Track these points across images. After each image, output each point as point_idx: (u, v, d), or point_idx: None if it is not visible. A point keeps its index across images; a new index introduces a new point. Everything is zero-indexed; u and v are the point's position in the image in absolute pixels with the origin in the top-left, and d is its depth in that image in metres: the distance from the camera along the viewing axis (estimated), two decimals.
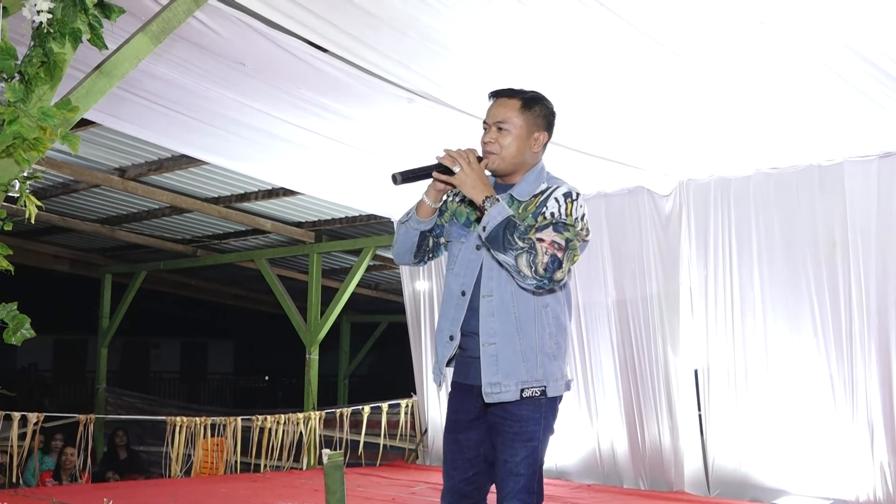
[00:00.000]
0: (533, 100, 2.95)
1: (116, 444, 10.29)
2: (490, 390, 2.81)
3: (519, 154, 2.90)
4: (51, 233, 11.65)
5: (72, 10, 2.84)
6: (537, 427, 2.85)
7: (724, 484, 6.45)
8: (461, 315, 2.91)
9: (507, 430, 2.85)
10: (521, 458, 2.83)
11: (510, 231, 2.70)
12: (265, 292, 11.60)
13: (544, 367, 2.84)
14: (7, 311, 3.01)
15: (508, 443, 2.84)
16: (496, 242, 2.72)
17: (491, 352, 2.83)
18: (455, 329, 2.92)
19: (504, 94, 2.96)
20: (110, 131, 6.92)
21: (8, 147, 2.85)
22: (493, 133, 2.90)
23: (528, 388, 2.81)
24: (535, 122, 2.92)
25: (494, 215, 2.72)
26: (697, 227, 6.71)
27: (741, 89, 4.90)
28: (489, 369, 2.82)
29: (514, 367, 2.82)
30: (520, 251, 2.69)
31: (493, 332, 2.83)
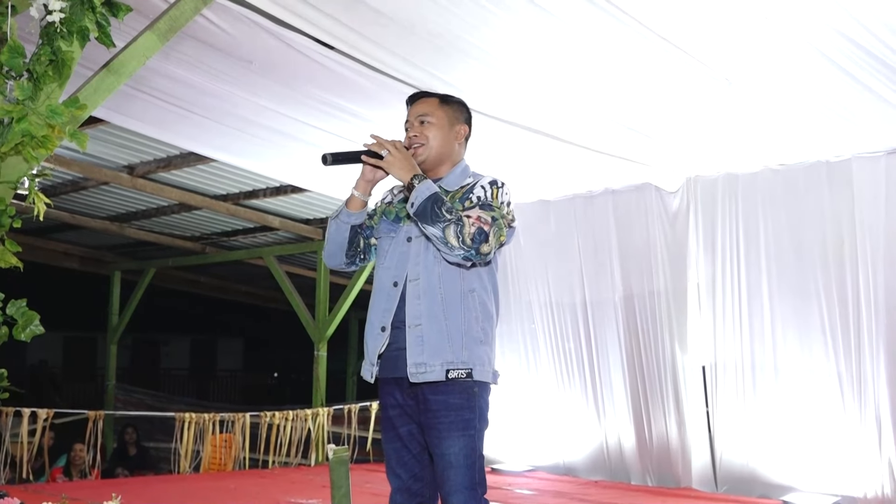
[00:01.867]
0: (448, 97, 3.13)
1: (126, 441, 10.34)
2: (415, 370, 2.82)
3: (444, 144, 3.03)
4: (60, 230, 11.70)
5: (80, 8, 2.87)
6: (472, 416, 2.86)
7: (731, 480, 6.44)
8: (393, 305, 2.93)
9: (442, 420, 2.84)
10: (458, 449, 2.82)
11: (438, 204, 2.78)
12: (274, 289, 11.63)
13: (470, 350, 2.86)
14: (16, 307, 3.04)
15: (444, 434, 2.83)
16: (424, 215, 2.78)
17: (416, 333, 2.85)
18: (387, 320, 2.93)
19: (421, 94, 3.14)
20: (119, 129, 6.96)
21: (17, 145, 2.87)
22: (417, 127, 3.03)
23: (453, 370, 2.82)
24: (454, 116, 3.07)
25: (423, 190, 2.80)
26: (705, 223, 6.69)
27: (749, 86, 4.90)
28: (414, 350, 2.84)
29: (439, 348, 2.83)
30: (447, 223, 2.76)
31: (418, 314, 2.86)
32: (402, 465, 2.96)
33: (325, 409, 8.93)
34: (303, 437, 8.46)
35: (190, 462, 7.92)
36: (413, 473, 2.95)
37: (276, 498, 6.16)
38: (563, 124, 5.74)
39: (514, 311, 7.83)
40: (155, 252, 12.56)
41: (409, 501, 2.96)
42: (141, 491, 6.39)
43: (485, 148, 6.00)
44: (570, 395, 7.41)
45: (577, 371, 7.38)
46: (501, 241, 2.87)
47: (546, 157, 6.39)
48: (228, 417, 8.24)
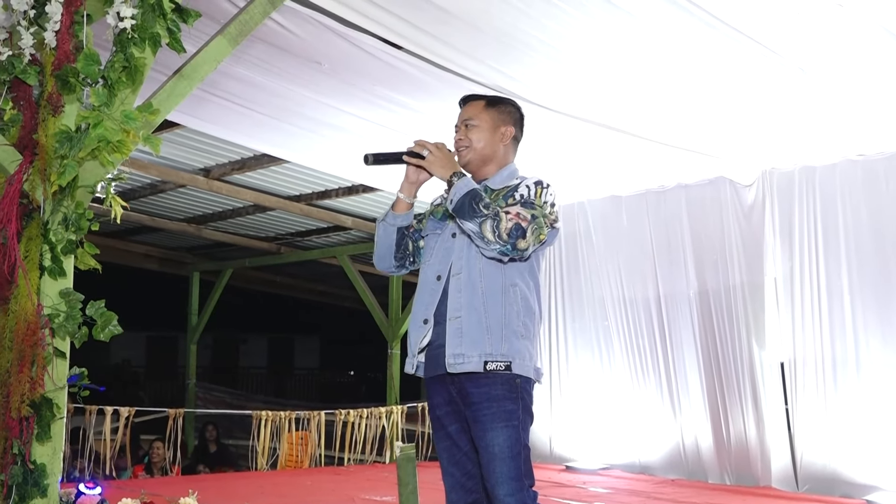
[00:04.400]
0: (496, 99, 3.15)
1: (207, 439, 10.56)
2: (453, 361, 2.83)
3: (488, 146, 3.05)
4: (140, 232, 12.00)
5: (151, 15, 2.93)
6: (515, 406, 2.83)
7: (812, 480, 6.29)
8: (435, 299, 2.95)
9: (485, 412, 2.83)
10: (503, 440, 2.80)
11: (475, 200, 2.80)
12: (348, 288, 11.75)
13: (510, 343, 2.85)
14: (95, 308, 3.12)
15: (488, 426, 2.82)
16: (461, 211, 2.82)
17: (456, 325, 2.86)
18: (429, 312, 2.95)
19: (470, 98, 3.17)
20: (194, 132, 7.10)
21: (93, 150, 2.95)
22: (462, 130, 3.08)
23: (492, 362, 2.82)
24: (500, 118, 3.08)
25: (461, 186, 2.85)
26: (782, 216, 6.56)
27: (824, 74, 4.78)
28: (453, 341, 2.85)
29: (477, 339, 2.83)
30: (483, 217, 2.78)
31: (458, 307, 2.88)
32: (454, 464, 2.96)
33: (399, 406, 8.98)
34: (377, 435, 8.52)
35: (267, 459, 8.05)
36: (466, 470, 2.94)
37: (350, 495, 6.22)
38: (634, 119, 5.68)
39: (587, 307, 7.78)
40: (232, 252, 12.79)
41: (464, 499, 2.95)
42: (218, 487, 6.51)
43: (555, 144, 6.00)
44: (644, 392, 7.32)
45: (652, 368, 7.29)
46: (541, 239, 2.87)
47: (617, 152, 6.33)
48: (304, 415, 8.35)
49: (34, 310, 2.94)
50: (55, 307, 3.00)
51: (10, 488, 2.94)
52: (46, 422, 2.94)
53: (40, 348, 2.92)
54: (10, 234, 2.98)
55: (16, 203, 3.00)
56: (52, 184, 2.94)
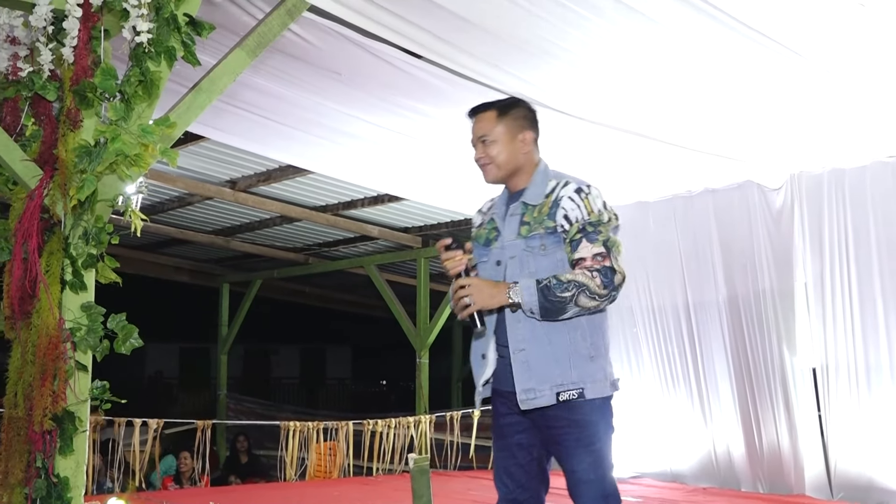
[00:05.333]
0: (507, 105, 3.01)
1: (238, 449, 10.60)
2: (525, 397, 2.77)
3: (511, 158, 2.94)
4: (170, 245, 12.11)
5: (166, 29, 2.94)
6: (596, 430, 2.81)
7: (847, 487, 6.17)
8: (491, 329, 2.89)
9: (567, 438, 2.79)
10: (587, 465, 2.78)
11: (550, 294, 2.69)
12: (376, 297, 11.77)
13: (580, 369, 2.78)
14: (117, 321, 3.13)
15: (571, 451, 2.79)
16: (552, 312, 2.71)
17: (522, 358, 2.79)
18: (487, 347, 2.92)
19: (479, 109, 3.03)
20: (219, 145, 7.15)
21: (111, 164, 2.96)
22: (481, 148, 2.97)
23: (564, 392, 2.75)
24: (515, 125, 2.96)
25: (527, 297, 2.71)
26: (811, 220, 6.45)
27: (850, 76, 4.70)
28: (522, 376, 2.78)
29: (546, 372, 2.76)
30: (574, 299, 2.69)
31: (521, 339, 2.80)
32: (508, 475, 2.94)
33: (428, 416, 8.96)
34: (406, 445, 8.50)
35: (296, 470, 8.06)
36: (519, 483, 2.92)
37: None
38: (658, 123, 5.63)
39: (615, 315, 7.70)
40: (260, 264, 12.87)
41: None
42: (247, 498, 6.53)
43: (578, 151, 5.96)
44: (675, 400, 7.24)
45: (682, 375, 7.21)
46: (620, 251, 2.80)
47: (642, 157, 6.27)
48: (332, 425, 8.35)
49: (56, 324, 2.96)
50: (77, 321, 3.01)
51: (34, 502, 2.96)
52: (69, 435, 2.95)
53: (62, 362, 2.94)
54: (31, 249, 3.00)
55: (37, 218, 3.02)
56: (71, 198, 2.95)
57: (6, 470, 3.02)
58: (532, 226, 2.84)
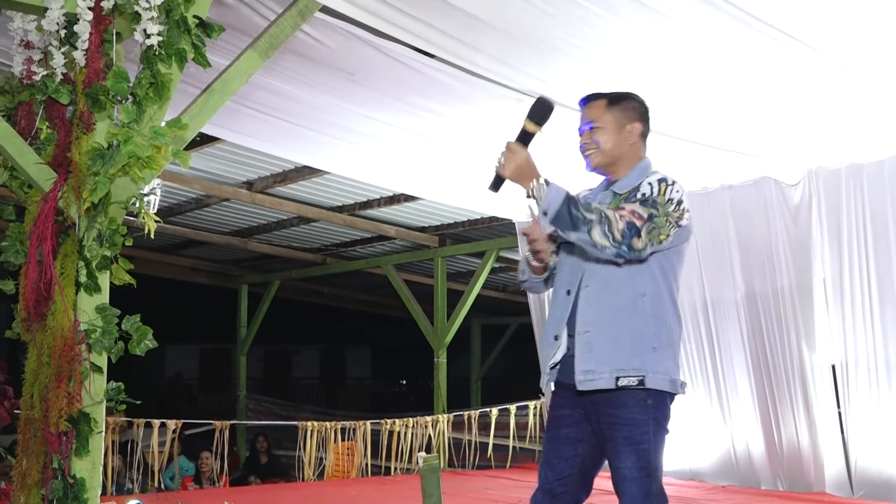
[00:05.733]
0: (618, 96, 3.02)
1: (258, 450, 10.64)
2: (583, 378, 2.78)
3: (616, 146, 2.95)
4: (188, 246, 12.16)
5: (176, 31, 2.95)
6: (646, 429, 2.79)
7: (868, 485, 6.12)
8: (565, 313, 2.89)
9: (616, 434, 2.80)
10: (632, 463, 2.78)
11: (573, 205, 2.67)
12: (394, 297, 11.79)
13: (641, 357, 2.78)
14: (131, 322, 3.14)
15: (619, 448, 2.80)
16: (562, 221, 2.68)
17: (585, 340, 2.80)
18: (560, 328, 2.90)
19: (590, 97, 3.04)
20: (235, 146, 7.17)
21: (124, 166, 2.98)
22: (587, 134, 2.98)
23: (624, 377, 2.75)
24: (624, 115, 2.97)
25: (553, 195, 2.69)
26: (829, 216, 6.40)
27: (866, 71, 4.66)
28: (583, 357, 2.79)
29: (608, 355, 2.77)
30: (590, 224, 2.66)
31: (588, 321, 2.81)
32: (550, 467, 2.96)
33: (446, 415, 8.96)
34: (423, 444, 8.51)
35: (314, 469, 8.08)
36: (560, 476, 2.93)
37: None
38: (674, 120, 5.59)
39: None
40: (278, 265, 12.90)
41: (549, 502, 2.95)
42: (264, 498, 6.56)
43: None
44: (694, 398, 7.19)
45: (701, 373, 7.17)
46: (661, 239, 2.77)
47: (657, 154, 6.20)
48: (350, 425, 8.37)
49: (71, 325, 2.98)
50: (91, 322, 3.03)
51: (51, 502, 2.98)
52: (85, 436, 2.97)
53: (77, 363, 2.96)
54: (46, 251, 3.02)
55: (51, 220, 3.04)
56: (85, 200, 2.97)
57: (24, 471, 3.05)
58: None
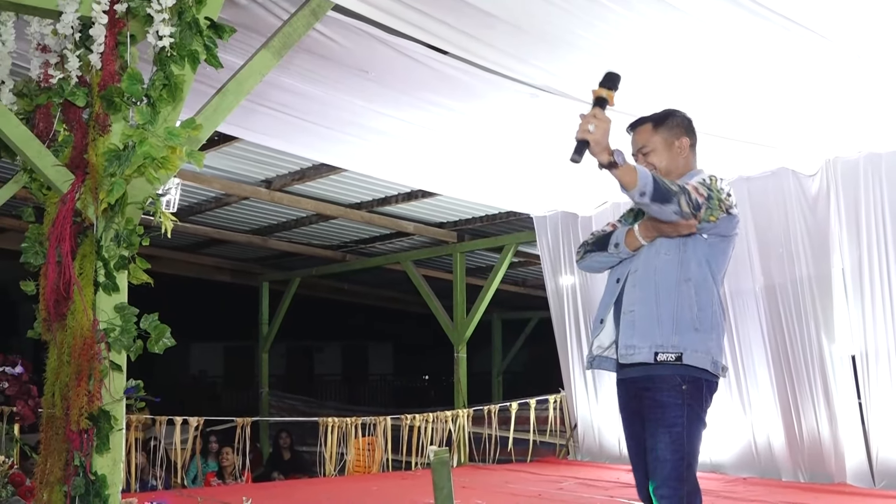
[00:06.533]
0: (662, 116, 3.24)
1: (281, 446, 10.70)
2: (624, 352, 2.98)
3: (670, 163, 3.15)
4: (210, 245, 12.25)
5: (188, 33, 2.99)
6: (679, 413, 2.94)
7: (890, 475, 6.10)
8: (612, 299, 3.13)
9: (651, 416, 2.98)
10: (665, 444, 2.93)
11: (660, 181, 2.82)
12: (414, 293, 11.83)
13: (681, 335, 2.94)
14: (149, 321, 3.18)
15: (653, 429, 2.97)
16: (660, 194, 2.80)
17: (629, 318, 3.01)
18: (606, 312, 3.13)
19: (636, 124, 3.25)
20: (253, 145, 7.22)
21: (139, 167, 3.01)
22: (642, 159, 3.17)
23: (662, 353, 2.93)
24: (671, 133, 3.20)
25: (643, 175, 2.79)
26: (847, 206, 6.38)
27: (882, 60, 4.64)
28: (626, 333, 3.00)
29: (649, 331, 2.96)
30: (677, 195, 2.83)
31: (633, 301, 3.02)
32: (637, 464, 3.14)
33: (466, 410, 8.98)
34: (444, 439, 8.54)
35: (335, 465, 8.13)
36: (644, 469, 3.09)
37: (416, 499, 6.24)
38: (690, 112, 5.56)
39: None
40: (298, 262, 12.97)
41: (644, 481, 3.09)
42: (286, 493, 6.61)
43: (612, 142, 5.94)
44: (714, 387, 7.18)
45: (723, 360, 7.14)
46: (711, 220, 2.96)
47: None
48: (370, 421, 8.41)
49: (90, 325, 3.02)
50: (110, 321, 3.06)
51: (73, 499, 3.02)
52: (105, 434, 3.01)
53: (97, 362, 2.99)
54: (64, 252, 3.06)
55: (69, 221, 3.09)
56: (102, 201, 3.01)
57: (46, 468, 3.10)
58: None
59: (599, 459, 8.22)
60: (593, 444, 8.41)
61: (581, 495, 6.38)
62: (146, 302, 3.16)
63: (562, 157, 2.97)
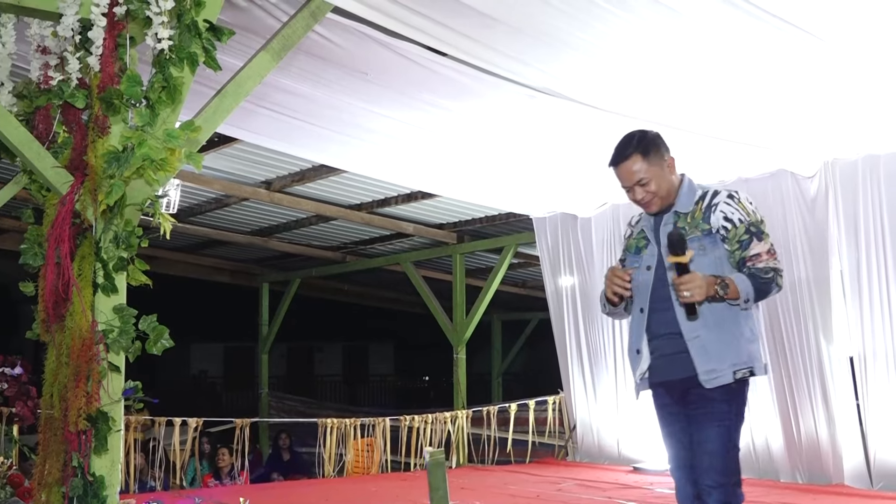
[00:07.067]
0: (643, 144, 3.26)
1: (281, 447, 10.71)
2: (707, 377, 3.08)
3: (668, 185, 3.25)
4: (210, 246, 12.26)
5: (187, 35, 3.00)
6: (728, 408, 3.11)
7: (888, 476, 6.10)
8: (643, 329, 3.24)
9: (699, 411, 3.12)
10: (714, 437, 3.08)
11: (757, 280, 3.02)
12: (414, 294, 11.85)
13: (747, 351, 3.12)
14: (148, 322, 3.19)
15: (702, 424, 3.11)
16: (762, 293, 3.05)
17: (698, 344, 3.10)
18: (640, 342, 3.26)
19: (621, 158, 3.27)
20: (253, 146, 7.24)
21: (138, 168, 3.02)
22: (640, 190, 3.24)
23: (739, 370, 3.08)
24: (658, 155, 3.26)
25: (744, 286, 3.01)
26: (846, 207, 6.38)
27: (880, 62, 4.65)
28: (701, 359, 3.09)
29: (724, 353, 3.09)
30: (774, 279, 3.06)
31: (694, 327, 3.10)
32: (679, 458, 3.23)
33: (465, 411, 8.99)
34: (443, 440, 8.55)
35: (334, 466, 8.14)
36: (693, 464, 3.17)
37: (415, 500, 6.25)
38: (688, 114, 5.60)
39: None
40: (298, 263, 12.99)
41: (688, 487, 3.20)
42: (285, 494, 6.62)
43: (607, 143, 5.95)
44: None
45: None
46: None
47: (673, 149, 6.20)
48: (370, 422, 8.42)
49: (89, 326, 3.03)
50: (109, 323, 3.07)
51: (72, 500, 3.03)
52: (103, 435, 3.02)
53: (95, 363, 3.00)
54: (63, 254, 3.07)
55: (68, 223, 3.10)
56: (101, 203, 3.02)
57: (44, 469, 3.11)
58: (688, 230, 3.15)
59: (598, 461, 8.22)
60: (592, 445, 8.41)
61: (580, 496, 6.39)
62: (145, 303, 3.17)
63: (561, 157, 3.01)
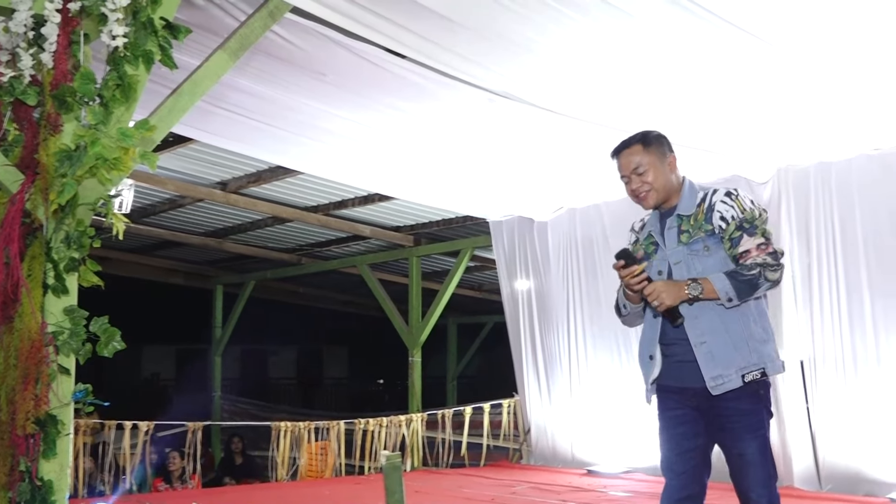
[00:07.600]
0: (646, 136, 3.30)
1: (233, 451, 10.61)
2: (714, 383, 3.04)
3: (665, 180, 3.24)
4: (164, 247, 12.11)
5: (143, 33, 2.96)
6: (762, 417, 3.10)
7: (835, 479, 6.20)
8: (657, 333, 3.20)
9: (735, 426, 3.07)
10: (754, 449, 3.06)
11: (739, 277, 2.97)
12: (370, 297, 11.81)
13: (758, 352, 3.07)
14: (99, 324, 3.13)
15: (739, 436, 3.07)
16: (745, 293, 2.98)
17: (705, 350, 3.06)
18: (653, 347, 3.22)
19: (623, 147, 3.30)
20: (209, 147, 7.16)
21: (91, 168, 2.97)
22: (637, 180, 3.24)
23: (748, 373, 3.03)
24: (659, 151, 3.26)
25: (721, 285, 2.97)
26: (798, 214, 6.48)
27: (835, 70, 4.72)
28: (708, 365, 3.05)
29: (730, 358, 3.04)
30: (761, 273, 2.97)
31: (701, 332, 3.06)
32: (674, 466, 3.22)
33: (420, 414, 8.97)
34: (397, 443, 8.52)
35: (287, 470, 8.07)
36: (685, 470, 3.19)
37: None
38: (643, 119, 5.62)
39: (606, 310, 7.71)
40: (254, 265, 12.88)
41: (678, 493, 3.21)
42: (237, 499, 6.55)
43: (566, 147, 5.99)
44: None
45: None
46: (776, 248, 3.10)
47: None
48: (324, 425, 8.37)
49: (38, 327, 2.96)
50: (59, 324, 3.01)
51: None
52: (52, 439, 2.95)
53: (45, 366, 2.94)
54: (13, 254, 3.00)
55: (18, 222, 3.02)
56: (52, 202, 2.96)
57: None
58: (692, 232, 3.14)
59: (552, 464, 8.25)
60: (546, 448, 8.44)
61: (534, 500, 6.40)
62: (97, 305, 3.11)
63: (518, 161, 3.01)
